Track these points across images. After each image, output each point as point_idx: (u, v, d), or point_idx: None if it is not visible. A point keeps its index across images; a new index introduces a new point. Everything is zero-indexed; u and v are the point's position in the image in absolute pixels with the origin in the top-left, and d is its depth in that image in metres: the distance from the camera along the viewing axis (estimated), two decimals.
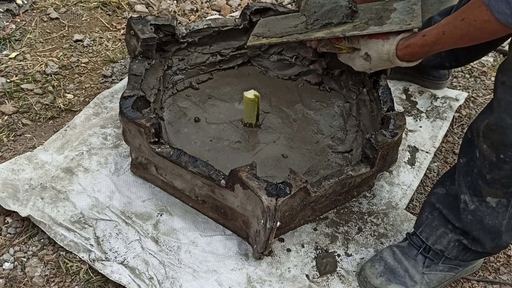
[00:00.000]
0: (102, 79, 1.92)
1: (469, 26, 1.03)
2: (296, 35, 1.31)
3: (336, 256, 1.39)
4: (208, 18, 2.12)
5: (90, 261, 1.30)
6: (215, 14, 2.38)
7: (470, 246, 1.23)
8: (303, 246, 1.40)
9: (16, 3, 2.16)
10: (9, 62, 1.92)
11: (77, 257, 1.33)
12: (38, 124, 1.71)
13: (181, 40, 1.70)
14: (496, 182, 1.12)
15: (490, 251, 1.24)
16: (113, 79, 1.92)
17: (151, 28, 1.57)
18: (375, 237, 1.46)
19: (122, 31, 2.16)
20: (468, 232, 1.22)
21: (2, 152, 1.60)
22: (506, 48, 1.15)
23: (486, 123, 1.10)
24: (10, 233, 1.38)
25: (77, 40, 2.08)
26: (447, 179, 1.29)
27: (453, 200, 1.24)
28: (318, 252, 1.39)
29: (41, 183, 1.47)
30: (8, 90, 1.79)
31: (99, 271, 1.28)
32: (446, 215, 1.25)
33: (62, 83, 1.87)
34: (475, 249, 1.23)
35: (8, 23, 2.10)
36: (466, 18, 1.03)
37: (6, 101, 1.76)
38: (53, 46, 2.04)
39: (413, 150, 1.74)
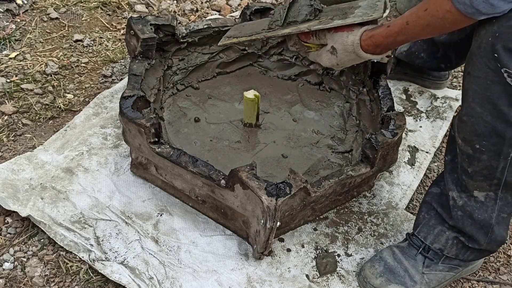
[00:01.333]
0: (102, 79, 1.92)
1: (431, 17, 1.04)
2: (264, 33, 1.35)
3: (336, 256, 1.39)
4: (208, 18, 2.12)
5: (90, 261, 1.30)
6: (215, 14, 2.38)
7: (467, 243, 1.23)
8: (303, 246, 1.40)
9: (16, 3, 2.16)
10: (9, 62, 1.92)
11: (77, 257, 1.33)
12: (38, 124, 1.71)
13: (181, 40, 1.70)
14: (478, 174, 1.13)
15: (486, 247, 1.24)
16: (113, 79, 1.92)
17: (151, 28, 1.57)
18: (375, 237, 1.46)
19: (122, 31, 2.16)
20: (461, 229, 1.22)
21: (2, 152, 1.60)
22: None
23: (458, 116, 1.11)
24: (10, 233, 1.38)
25: (77, 40, 2.08)
26: (442, 178, 1.30)
27: (447, 199, 1.25)
28: (318, 252, 1.40)
29: (41, 183, 1.47)
30: (8, 90, 1.79)
31: (99, 271, 1.28)
32: (440, 213, 1.26)
33: (62, 83, 1.87)
34: (472, 246, 1.24)
35: (8, 23, 2.10)
36: (429, 9, 1.04)
37: (6, 101, 1.76)
38: (53, 46, 2.04)
39: (413, 150, 1.74)
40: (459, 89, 2.06)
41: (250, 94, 1.55)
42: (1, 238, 1.37)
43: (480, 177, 1.14)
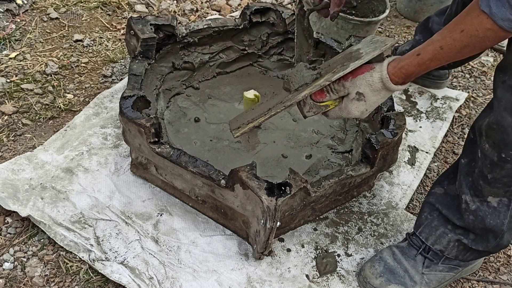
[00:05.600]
0: (102, 79, 1.92)
1: (470, 37, 0.97)
2: (280, 104, 1.18)
3: (336, 256, 1.39)
4: (208, 18, 2.12)
5: (90, 261, 1.30)
6: (215, 14, 2.38)
7: (471, 245, 1.23)
8: (303, 246, 1.40)
9: (16, 3, 2.16)
10: (9, 62, 1.92)
11: (77, 257, 1.33)
12: (38, 124, 1.71)
13: (181, 40, 1.70)
14: (498, 181, 1.12)
15: (490, 250, 1.24)
16: (113, 79, 1.92)
17: (151, 28, 1.57)
18: (375, 237, 1.46)
19: (122, 31, 2.16)
20: (471, 231, 1.22)
21: (2, 152, 1.60)
22: (505, 47, 1.12)
23: (487, 122, 1.09)
24: (10, 233, 1.38)
25: (77, 40, 2.08)
26: (445, 178, 1.30)
27: (452, 200, 1.24)
28: (318, 252, 1.40)
29: (41, 183, 1.47)
30: (8, 90, 1.79)
31: (99, 271, 1.28)
32: (445, 215, 1.25)
33: (62, 83, 1.87)
34: (476, 248, 1.23)
35: (8, 23, 2.10)
36: (466, 29, 0.97)
37: (6, 101, 1.76)
38: (53, 46, 2.04)
39: (413, 150, 1.74)
40: (459, 89, 2.06)
41: (250, 94, 1.55)
42: (1, 238, 1.37)
43: (498, 184, 1.13)
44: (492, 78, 2.14)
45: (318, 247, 1.41)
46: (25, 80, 1.85)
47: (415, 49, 1.07)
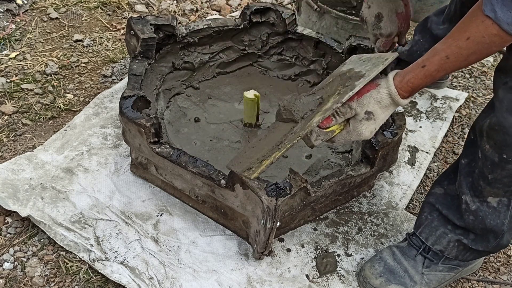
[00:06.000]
0: (102, 79, 1.92)
1: (477, 44, 0.95)
2: (294, 135, 1.10)
3: (336, 256, 1.39)
4: (208, 18, 2.12)
5: (90, 261, 1.30)
6: (215, 14, 2.38)
7: (471, 245, 1.23)
8: (303, 246, 1.40)
9: (16, 3, 2.16)
10: (9, 62, 1.92)
11: (77, 257, 1.33)
12: (38, 124, 1.71)
13: (181, 40, 1.70)
14: (498, 182, 1.12)
15: (490, 250, 1.24)
16: (113, 79, 1.92)
17: (151, 28, 1.57)
18: (375, 237, 1.46)
19: (122, 31, 2.16)
20: (471, 231, 1.22)
21: (2, 152, 1.60)
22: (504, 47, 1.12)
23: (488, 123, 1.09)
24: (10, 233, 1.38)
25: (77, 40, 2.08)
26: (445, 178, 1.30)
27: (452, 200, 1.24)
28: (318, 252, 1.40)
29: (41, 183, 1.47)
30: (8, 90, 1.79)
31: (99, 271, 1.28)
32: (446, 215, 1.25)
33: (62, 83, 1.87)
34: (476, 248, 1.23)
35: (8, 23, 2.10)
36: (472, 36, 0.95)
37: (6, 101, 1.76)
38: (53, 46, 2.04)
39: (413, 150, 1.74)
40: (459, 89, 2.06)
41: (250, 94, 1.55)
42: (1, 238, 1.37)
43: (499, 185, 1.13)
44: (492, 78, 2.14)
45: (318, 247, 1.41)
46: (25, 80, 1.85)
47: (419, 60, 1.05)
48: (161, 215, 1.43)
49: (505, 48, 1.04)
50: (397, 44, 1.59)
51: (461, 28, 0.98)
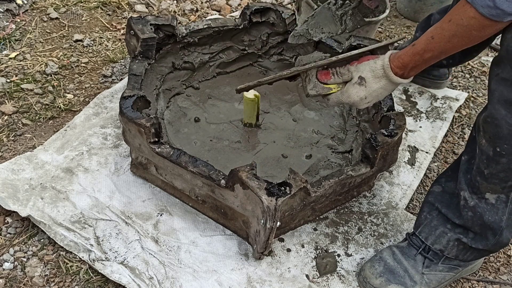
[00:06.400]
0: (102, 79, 1.92)
1: (456, 26, 1.02)
2: (285, 72, 1.23)
3: (336, 256, 1.39)
4: (208, 18, 2.12)
5: (90, 261, 1.30)
6: (215, 14, 2.38)
7: (471, 244, 1.23)
8: (303, 246, 1.40)
9: (16, 3, 2.16)
10: (9, 62, 1.92)
11: (77, 257, 1.33)
12: (38, 124, 1.71)
13: (181, 40, 1.70)
14: (494, 177, 1.13)
15: (490, 248, 1.24)
16: (113, 79, 1.92)
17: (151, 28, 1.57)
18: (375, 237, 1.46)
19: (122, 31, 2.16)
20: (469, 229, 1.22)
21: (2, 152, 1.60)
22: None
23: (483, 117, 1.10)
24: (10, 233, 1.38)
25: (77, 40, 2.08)
26: (442, 176, 1.31)
27: (450, 197, 1.25)
28: (318, 252, 1.40)
29: (41, 183, 1.47)
30: (8, 90, 1.79)
31: (99, 271, 1.28)
32: (445, 213, 1.25)
33: (62, 83, 1.87)
34: (476, 246, 1.23)
35: (8, 23, 2.10)
36: (453, 19, 1.02)
37: (6, 101, 1.76)
38: (53, 46, 2.04)
39: (413, 150, 1.74)
40: (459, 89, 2.06)
41: (250, 94, 1.55)
42: (1, 238, 1.37)
43: (495, 180, 1.13)
44: None
45: (318, 247, 1.41)
46: (25, 80, 1.85)
47: (414, 41, 1.13)
48: (161, 215, 1.43)
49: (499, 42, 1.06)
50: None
51: (448, 13, 1.05)
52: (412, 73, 1.17)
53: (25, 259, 1.33)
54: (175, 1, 2.41)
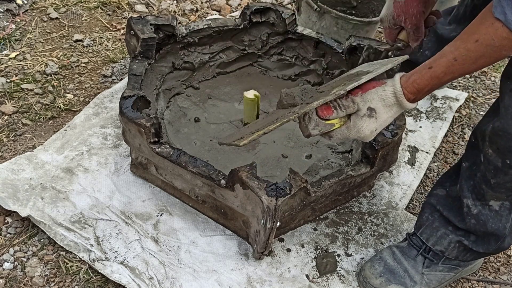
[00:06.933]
0: (102, 79, 1.92)
1: (485, 47, 0.92)
2: (291, 113, 1.04)
3: (336, 256, 1.39)
4: (208, 18, 2.12)
5: (90, 261, 1.30)
6: (215, 14, 2.38)
7: (471, 246, 1.23)
8: (303, 246, 1.40)
9: (16, 3, 2.16)
10: (9, 62, 1.92)
11: (77, 257, 1.33)
12: (38, 124, 1.71)
13: (181, 40, 1.70)
14: (501, 186, 1.12)
15: (491, 251, 1.24)
16: (113, 79, 1.92)
17: (151, 28, 1.57)
18: (375, 237, 1.46)
19: (122, 31, 2.16)
20: (472, 233, 1.22)
21: (2, 152, 1.60)
22: None
23: (492, 128, 1.08)
24: (10, 233, 1.38)
25: (77, 40, 2.08)
26: (447, 179, 1.29)
27: (454, 201, 1.24)
28: (318, 252, 1.40)
29: (41, 183, 1.47)
30: (8, 90, 1.79)
31: (99, 271, 1.28)
32: (447, 216, 1.25)
33: (62, 83, 1.87)
34: (477, 249, 1.23)
35: (8, 23, 2.10)
36: (481, 39, 0.92)
37: (6, 101, 1.76)
38: (53, 46, 2.04)
39: (413, 150, 1.74)
40: (459, 89, 2.06)
41: (250, 94, 1.55)
42: (1, 238, 1.37)
43: (501, 189, 1.13)
44: (492, 78, 2.14)
45: (318, 247, 1.41)
46: (25, 80, 1.85)
47: (426, 62, 1.02)
48: (161, 215, 1.43)
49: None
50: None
51: (471, 30, 0.95)
52: (425, 96, 1.07)
53: (25, 259, 1.33)
54: (175, 1, 2.41)
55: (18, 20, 2.13)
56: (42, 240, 1.37)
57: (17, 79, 1.85)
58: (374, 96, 1.03)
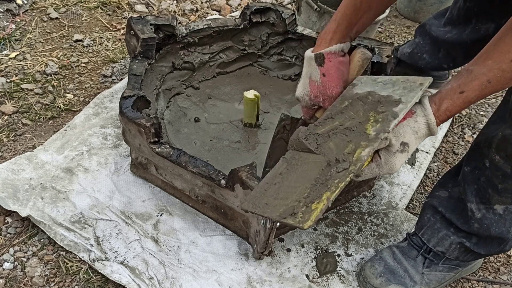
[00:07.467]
0: (102, 79, 1.92)
1: None
2: (343, 172, 0.93)
3: (336, 256, 1.39)
4: (208, 18, 2.12)
5: (90, 261, 1.30)
6: (215, 14, 2.38)
7: (473, 248, 1.23)
8: (303, 246, 1.40)
9: (16, 3, 2.16)
10: (9, 62, 1.92)
11: (77, 257, 1.33)
12: (38, 124, 1.71)
13: (181, 40, 1.70)
14: (508, 191, 1.12)
15: (492, 254, 1.25)
16: (113, 79, 1.92)
17: (151, 28, 1.57)
18: (375, 237, 1.46)
19: (122, 31, 2.17)
20: (474, 235, 1.21)
21: (2, 152, 1.60)
22: None
23: (501, 136, 1.07)
24: (10, 233, 1.38)
25: (77, 40, 2.08)
26: (449, 180, 1.28)
27: (456, 203, 1.23)
28: (318, 252, 1.40)
29: (41, 183, 1.47)
30: (8, 90, 1.79)
31: (99, 271, 1.28)
32: (449, 218, 1.24)
33: (62, 83, 1.87)
34: (478, 251, 1.23)
35: (8, 23, 2.10)
36: None
37: (6, 101, 1.76)
38: (53, 46, 2.04)
39: None
40: None
41: (250, 94, 1.55)
42: (1, 238, 1.37)
43: (508, 194, 1.12)
44: None
45: (318, 247, 1.41)
46: (25, 80, 1.85)
47: (454, 85, 0.95)
48: (161, 215, 1.43)
49: None
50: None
51: (502, 49, 0.89)
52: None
53: (25, 259, 1.33)
54: (175, 1, 2.41)
55: (18, 20, 2.13)
56: (42, 240, 1.37)
57: (17, 79, 1.85)
58: (406, 130, 0.97)
